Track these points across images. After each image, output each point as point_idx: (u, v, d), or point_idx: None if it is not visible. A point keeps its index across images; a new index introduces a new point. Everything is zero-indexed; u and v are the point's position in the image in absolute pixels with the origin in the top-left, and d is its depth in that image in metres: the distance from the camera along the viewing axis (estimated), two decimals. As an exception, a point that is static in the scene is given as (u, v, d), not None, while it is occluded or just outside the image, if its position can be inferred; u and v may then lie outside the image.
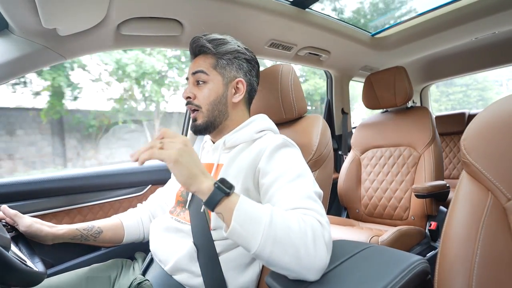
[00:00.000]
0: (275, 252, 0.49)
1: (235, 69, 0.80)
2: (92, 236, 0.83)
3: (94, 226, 0.84)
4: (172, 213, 0.81)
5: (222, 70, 0.78)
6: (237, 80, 0.80)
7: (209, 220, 0.71)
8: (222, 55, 0.79)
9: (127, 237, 0.88)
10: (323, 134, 0.92)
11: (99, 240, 0.84)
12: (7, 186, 0.95)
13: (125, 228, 0.88)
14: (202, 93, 0.77)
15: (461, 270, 0.46)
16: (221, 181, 0.53)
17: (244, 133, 0.78)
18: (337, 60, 1.86)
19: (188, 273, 0.70)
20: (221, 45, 0.79)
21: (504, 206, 0.48)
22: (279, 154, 0.69)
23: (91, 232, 0.83)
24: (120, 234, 0.87)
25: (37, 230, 0.74)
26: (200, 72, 0.77)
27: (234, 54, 0.80)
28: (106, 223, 0.87)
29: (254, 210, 0.52)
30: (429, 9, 1.56)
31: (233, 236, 0.51)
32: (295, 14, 1.29)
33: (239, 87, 0.80)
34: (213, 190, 0.52)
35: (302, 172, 0.66)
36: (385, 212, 1.60)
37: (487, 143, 0.51)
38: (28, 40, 0.87)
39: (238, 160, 0.74)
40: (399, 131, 1.65)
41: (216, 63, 0.78)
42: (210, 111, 0.78)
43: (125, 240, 0.88)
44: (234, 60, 0.80)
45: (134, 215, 0.93)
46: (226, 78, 0.79)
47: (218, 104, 0.78)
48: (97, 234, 0.83)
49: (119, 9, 0.94)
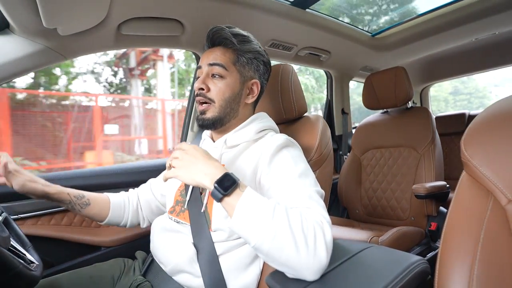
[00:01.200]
0: (274, 246, 0.50)
1: (253, 70, 0.79)
2: (79, 206, 0.80)
3: (84, 196, 0.81)
4: (172, 213, 0.80)
5: (241, 68, 0.77)
6: (253, 82, 0.79)
7: (209, 221, 0.71)
8: (243, 53, 0.77)
9: (110, 217, 0.86)
10: (323, 134, 0.92)
11: (84, 212, 0.81)
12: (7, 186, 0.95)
13: (111, 208, 0.86)
14: (217, 87, 0.75)
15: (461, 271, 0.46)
16: (221, 179, 0.55)
17: (245, 133, 0.77)
18: (337, 60, 1.87)
19: (188, 274, 0.70)
20: (244, 42, 0.77)
21: (504, 207, 0.48)
22: (281, 154, 0.69)
23: (80, 201, 0.80)
24: (104, 212, 0.85)
25: (31, 189, 0.73)
26: (218, 65, 0.74)
27: (255, 55, 0.79)
28: (96, 198, 0.84)
29: (257, 204, 0.53)
30: (429, 9, 1.56)
31: (235, 228, 0.53)
32: (295, 14, 1.29)
33: (253, 89, 0.79)
34: (213, 190, 0.54)
35: (304, 171, 0.66)
36: (385, 212, 1.60)
37: (487, 143, 0.51)
38: (29, 40, 0.87)
39: (240, 159, 0.74)
40: (399, 131, 1.65)
41: (236, 59, 0.76)
42: (223, 107, 0.75)
43: (108, 220, 0.86)
44: (254, 61, 0.78)
45: (122, 197, 0.91)
46: (243, 76, 0.77)
47: (232, 102, 0.76)
48: (84, 206, 0.81)
49: (119, 9, 0.94)
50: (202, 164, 0.58)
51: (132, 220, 0.90)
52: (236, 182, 0.55)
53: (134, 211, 0.90)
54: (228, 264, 0.68)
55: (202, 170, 0.57)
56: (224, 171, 0.57)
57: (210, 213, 0.71)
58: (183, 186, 0.81)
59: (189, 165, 0.58)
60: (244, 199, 0.53)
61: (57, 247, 1.01)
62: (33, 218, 1.01)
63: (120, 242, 1.12)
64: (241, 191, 0.54)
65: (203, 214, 0.71)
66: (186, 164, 0.58)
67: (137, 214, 0.91)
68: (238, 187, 0.55)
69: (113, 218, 0.86)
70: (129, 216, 0.89)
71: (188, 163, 0.58)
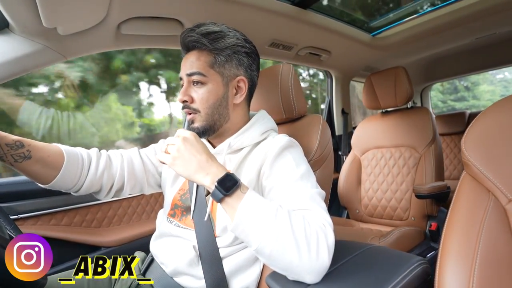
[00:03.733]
0: (276, 250, 0.49)
1: (235, 66, 0.71)
2: (11, 158, 0.61)
3: (23, 145, 0.62)
4: (173, 216, 0.79)
5: (221, 69, 0.70)
6: (238, 79, 0.72)
7: (214, 227, 0.70)
8: (219, 51, 0.69)
9: (58, 179, 0.67)
10: (323, 134, 0.92)
11: (19, 167, 0.63)
12: (7, 186, 0.95)
13: (63, 167, 0.67)
14: (200, 95, 0.69)
15: (462, 271, 0.46)
16: (223, 179, 0.53)
17: (249, 136, 0.74)
18: (337, 60, 1.86)
19: (189, 276, 0.69)
20: (218, 39, 0.69)
21: (504, 207, 0.48)
22: (283, 156, 0.68)
23: (15, 152, 0.61)
24: (51, 171, 0.66)
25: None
26: (195, 73, 0.69)
27: (234, 49, 0.70)
28: (42, 149, 0.65)
29: (259, 206, 0.52)
30: (430, 9, 1.56)
31: (236, 231, 0.52)
32: (296, 14, 1.29)
33: (240, 86, 0.73)
34: (213, 190, 0.53)
35: (305, 173, 0.66)
36: (385, 212, 1.59)
37: (488, 143, 0.51)
38: (28, 40, 0.87)
39: (246, 164, 0.72)
40: (400, 131, 1.65)
41: (213, 61, 0.69)
42: (210, 115, 0.70)
43: (53, 183, 0.67)
44: (234, 56, 0.71)
45: (84, 154, 0.73)
46: (226, 77, 0.71)
47: (219, 107, 0.70)
48: (20, 159, 0.62)
49: (119, 9, 0.93)
50: (203, 160, 0.55)
51: (87, 186, 0.73)
52: (237, 183, 0.53)
53: (93, 172, 0.73)
54: (230, 266, 0.68)
55: (202, 167, 0.55)
56: (225, 170, 0.55)
57: (214, 218, 0.70)
58: (184, 190, 0.79)
59: (188, 159, 0.55)
60: (246, 201, 0.52)
61: (57, 247, 1.01)
62: (33, 218, 1.01)
63: (120, 242, 1.12)
64: (242, 192, 0.53)
65: (208, 220, 0.70)
66: (185, 156, 0.55)
67: (101, 177, 0.74)
68: (239, 188, 0.54)
69: (59, 183, 0.68)
70: (85, 180, 0.72)
71: (187, 155, 0.55)
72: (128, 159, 0.80)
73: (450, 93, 5.78)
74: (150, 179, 0.84)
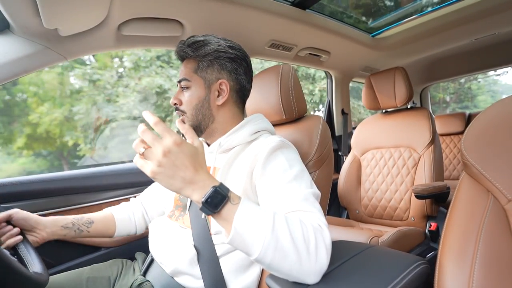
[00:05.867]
0: (276, 258, 0.49)
1: (217, 71, 0.77)
2: (84, 226, 0.82)
3: (83, 217, 0.83)
4: (171, 217, 0.80)
5: (203, 73, 0.76)
6: (220, 82, 0.77)
7: (209, 225, 0.71)
8: (202, 58, 0.76)
9: (119, 230, 0.88)
10: (323, 135, 0.92)
11: (92, 231, 0.83)
12: (7, 186, 0.95)
13: (116, 221, 0.88)
14: (186, 98, 0.77)
15: (461, 271, 0.46)
16: (210, 196, 0.48)
17: (239, 135, 0.76)
18: (337, 61, 1.87)
19: (188, 276, 0.70)
20: (200, 47, 0.76)
21: (504, 207, 0.48)
22: (276, 156, 0.68)
23: (81, 221, 0.82)
24: (111, 226, 0.87)
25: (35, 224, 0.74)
26: (183, 80, 0.77)
27: (214, 55, 0.76)
28: (97, 215, 0.86)
29: (255, 217, 0.50)
30: (430, 10, 1.56)
31: (234, 244, 0.50)
32: (295, 14, 1.29)
33: (222, 89, 0.77)
34: (201, 207, 0.49)
35: (299, 173, 0.66)
36: (385, 213, 1.60)
37: (487, 144, 0.52)
38: (29, 40, 0.87)
39: (236, 163, 0.74)
40: (399, 132, 1.65)
41: (196, 66, 0.77)
42: (194, 116, 0.77)
43: (117, 233, 0.88)
44: (215, 61, 0.76)
45: (126, 208, 0.93)
46: (207, 80, 0.77)
47: (201, 108, 0.76)
48: (89, 224, 0.83)
49: (120, 10, 0.94)
50: (188, 176, 0.49)
51: (141, 228, 0.94)
52: (225, 197, 0.49)
53: (140, 218, 0.94)
54: (228, 266, 0.68)
55: (188, 182, 0.49)
56: (212, 183, 0.50)
57: (209, 217, 0.71)
58: None
59: (171, 175, 0.48)
60: (241, 213, 0.49)
61: (57, 247, 1.01)
62: (33, 218, 1.01)
63: (120, 242, 1.12)
64: (233, 204, 0.50)
65: (204, 218, 0.71)
66: (167, 172, 0.48)
67: (143, 221, 0.95)
68: (230, 200, 0.50)
69: (121, 231, 0.89)
70: (136, 224, 0.93)
71: (170, 172, 0.48)
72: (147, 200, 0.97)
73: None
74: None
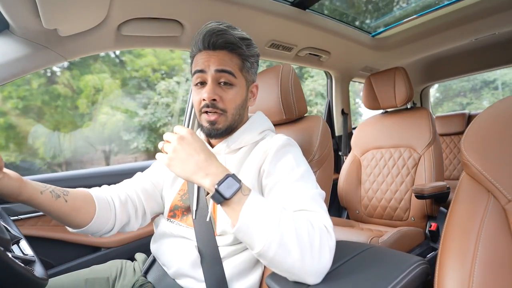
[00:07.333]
0: (279, 253, 0.49)
1: (254, 73, 0.77)
2: (60, 191, 0.64)
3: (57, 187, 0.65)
4: (173, 217, 0.79)
5: (246, 74, 0.74)
6: (254, 85, 0.78)
7: (214, 226, 0.69)
8: (248, 57, 0.73)
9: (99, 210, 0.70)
10: (323, 135, 0.92)
11: (70, 200, 0.64)
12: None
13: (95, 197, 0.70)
14: (229, 96, 0.70)
15: (461, 271, 0.46)
16: (223, 181, 0.51)
17: (247, 136, 0.75)
18: (337, 61, 1.87)
19: (191, 278, 0.69)
20: (250, 46, 0.73)
21: (504, 207, 0.48)
22: (283, 155, 0.68)
23: (58, 189, 0.65)
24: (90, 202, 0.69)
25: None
26: (227, 72, 0.68)
27: (256, 58, 0.76)
28: (72, 189, 0.69)
29: (263, 209, 0.51)
30: (429, 10, 1.56)
31: (239, 234, 0.51)
32: (295, 15, 1.29)
33: (253, 91, 0.78)
34: (214, 193, 0.51)
35: (305, 172, 0.66)
36: (385, 213, 1.60)
37: (487, 144, 0.51)
38: (28, 41, 0.87)
39: (246, 163, 0.72)
40: (399, 132, 1.65)
41: (242, 65, 0.72)
42: (234, 115, 0.72)
43: (98, 212, 0.69)
44: (255, 64, 0.76)
45: (106, 196, 0.74)
46: (248, 82, 0.75)
47: (241, 108, 0.74)
48: (65, 192, 0.65)
49: (119, 10, 0.94)
50: (201, 160, 0.53)
51: (119, 221, 0.75)
52: (239, 185, 0.52)
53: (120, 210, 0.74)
54: (231, 268, 0.68)
55: (201, 167, 0.53)
56: (225, 171, 0.53)
57: (215, 217, 0.69)
58: (184, 191, 0.79)
59: (185, 159, 0.53)
60: (250, 204, 0.51)
61: (57, 248, 1.01)
62: (33, 219, 1.01)
63: (120, 243, 1.12)
64: (244, 194, 0.52)
65: (209, 220, 0.70)
66: (181, 156, 0.53)
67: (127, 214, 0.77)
68: (241, 190, 0.52)
69: (102, 213, 0.70)
70: (116, 215, 0.73)
71: (184, 155, 0.53)
72: (140, 189, 0.80)
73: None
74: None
